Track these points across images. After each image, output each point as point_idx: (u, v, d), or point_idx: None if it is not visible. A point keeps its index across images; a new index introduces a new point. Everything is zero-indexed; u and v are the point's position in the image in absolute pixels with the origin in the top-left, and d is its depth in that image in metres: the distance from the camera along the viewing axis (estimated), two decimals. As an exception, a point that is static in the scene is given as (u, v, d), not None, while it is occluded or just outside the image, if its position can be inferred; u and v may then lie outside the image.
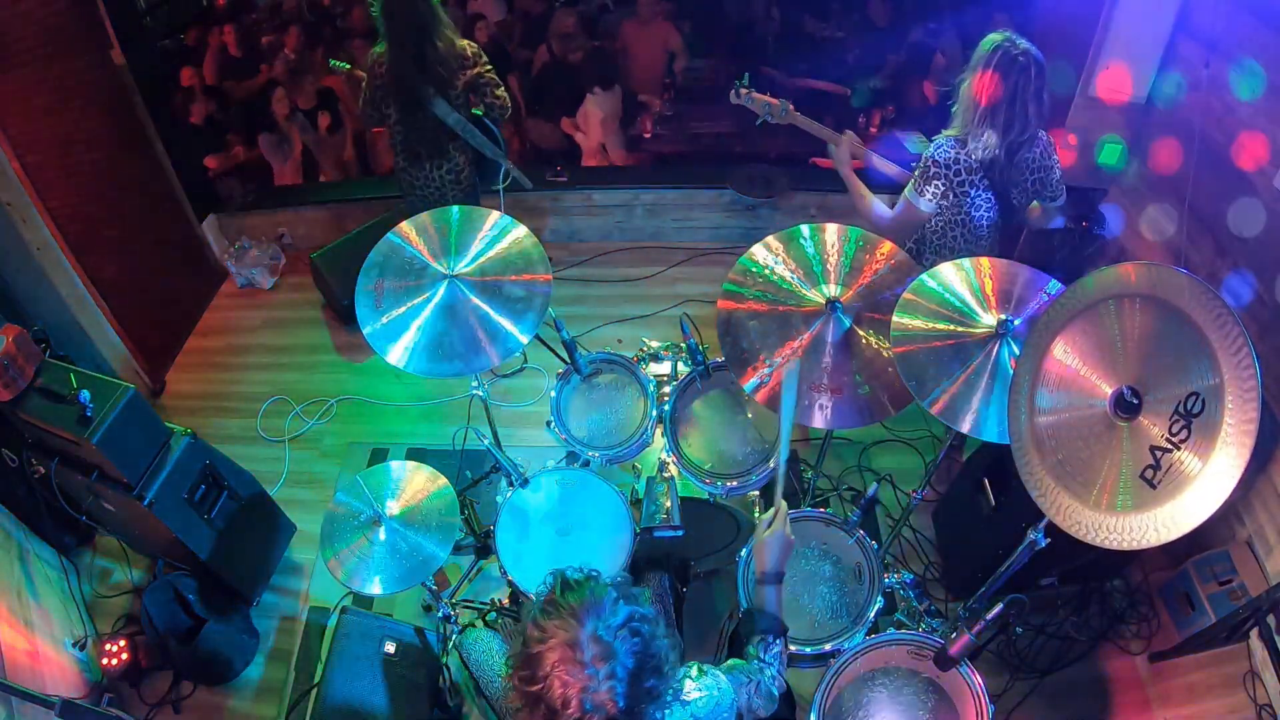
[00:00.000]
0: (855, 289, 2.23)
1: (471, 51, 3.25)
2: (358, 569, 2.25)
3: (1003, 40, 2.37)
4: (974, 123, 2.45)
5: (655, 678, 1.28)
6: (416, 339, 2.27)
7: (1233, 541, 2.59)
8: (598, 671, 1.22)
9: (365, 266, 2.36)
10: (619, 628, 1.26)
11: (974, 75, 2.42)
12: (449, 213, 2.45)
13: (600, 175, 4.93)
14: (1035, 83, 2.37)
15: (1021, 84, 2.36)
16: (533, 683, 1.23)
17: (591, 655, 1.23)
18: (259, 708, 2.85)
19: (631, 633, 1.27)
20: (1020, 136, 2.45)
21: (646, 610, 1.33)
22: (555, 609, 1.27)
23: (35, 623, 2.64)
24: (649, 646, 1.28)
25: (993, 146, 2.45)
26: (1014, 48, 2.35)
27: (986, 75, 2.38)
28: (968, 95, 2.46)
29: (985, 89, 2.39)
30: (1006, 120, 2.41)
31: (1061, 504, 1.60)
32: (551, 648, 1.23)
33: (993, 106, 2.40)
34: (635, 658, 1.26)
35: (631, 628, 1.27)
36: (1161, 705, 2.61)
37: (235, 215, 4.69)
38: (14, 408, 2.47)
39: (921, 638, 1.98)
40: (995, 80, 2.37)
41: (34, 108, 3.43)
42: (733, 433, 2.58)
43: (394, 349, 2.26)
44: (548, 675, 1.22)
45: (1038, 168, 2.56)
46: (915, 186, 2.57)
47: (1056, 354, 1.69)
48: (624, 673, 1.24)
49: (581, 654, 1.22)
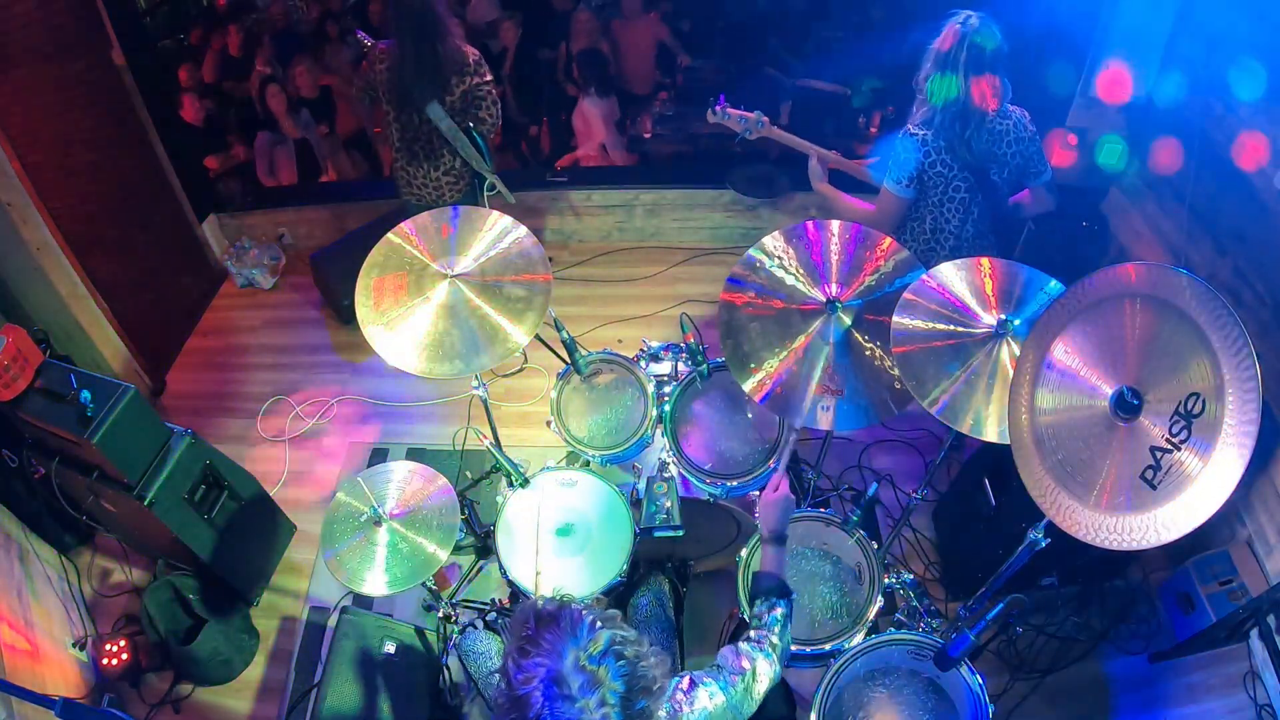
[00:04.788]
0: (855, 288, 2.22)
1: (473, 60, 3.24)
2: (358, 569, 2.25)
3: (955, 22, 2.41)
4: (936, 72, 2.46)
5: (646, 698, 1.26)
6: (418, 339, 2.27)
7: (1233, 541, 2.59)
8: (588, 702, 1.20)
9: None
10: (602, 654, 1.23)
11: (928, 60, 2.47)
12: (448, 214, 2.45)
13: (600, 175, 4.93)
14: (988, 55, 2.38)
15: (969, 56, 2.38)
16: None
17: (579, 685, 1.20)
18: (259, 708, 2.85)
19: (615, 656, 1.24)
20: (968, 108, 2.45)
21: (627, 632, 1.30)
22: (534, 645, 1.24)
23: (35, 623, 2.65)
24: (635, 668, 1.25)
25: (954, 122, 2.46)
26: (967, 25, 2.38)
27: (938, 54, 2.43)
28: (925, 78, 2.50)
29: (941, 42, 2.43)
30: (965, 93, 2.42)
31: (1061, 504, 1.60)
32: (537, 687, 1.20)
33: (947, 54, 2.42)
34: (624, 680, 1.23)
35: (614, 651, 1.25)
36: (1161, 705, 2.61)
37: (235, 215, 4.70)
38: (14, 408, 2.47)
39: (921, 637, 1.98)
40: (946, 34, 2.41)
41: (34, 108, 3.43)
42: (733, 433, 2.58)
43: (395, 350, 2.26)
44: (539, 715, 1.19)
45: (1014, 139, 2.54)
46: (891, 174, 2.60)
47: (1056, 354, 1.69)
48: (615, 698, 1.21)
49: (568, 687, 1.20)
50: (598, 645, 1.24)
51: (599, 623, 1.28)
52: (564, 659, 1.22)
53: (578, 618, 1.27)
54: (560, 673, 1.20)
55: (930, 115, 2.51)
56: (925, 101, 2.53)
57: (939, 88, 2.45)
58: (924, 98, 2.54)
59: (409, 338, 2.26)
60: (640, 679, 1.26)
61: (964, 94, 2.43)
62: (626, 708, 1.23)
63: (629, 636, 1.30)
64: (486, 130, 3.38)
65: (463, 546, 3.02)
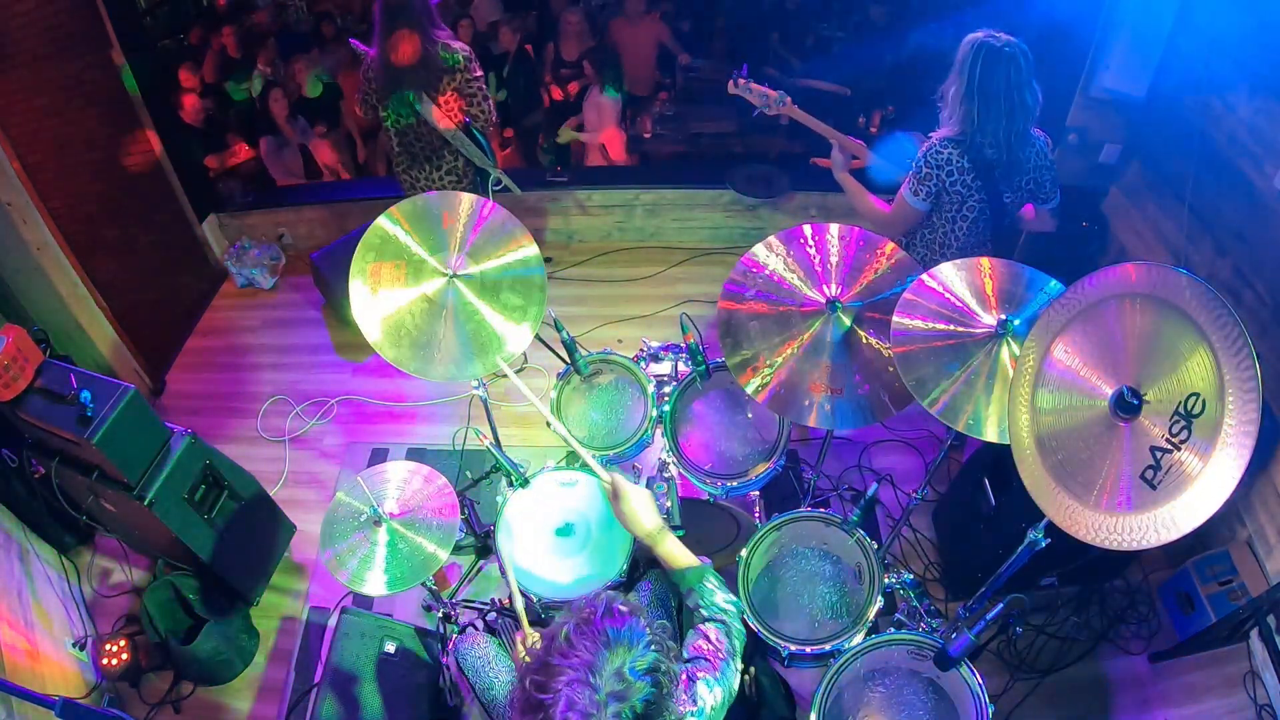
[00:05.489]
0: (856, 288, 2.23)
1: (463, 57, 3.22)
2: (358, 569, 2.25)
3: (983, 36, 2.38)
4: (975, 118, 2.44)
5: None
6: (417, 338, 2.27)
7: (1233, 541, 2.59)
8: (606, 705, 1.22)
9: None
10: (644, 673, 1.27)
11: (963, 75, 2.42)
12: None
13: (600, 175, 4.93)
14: (1025, 71, 2.37)
15: (1012, 72, 2.36)
16: (542, 690, 1.23)
17: (608, 689, 1.23)
18: (259, 708, 2.85)
19: (653, 683, 1.27)
20: (1023, 125, 2.45)
21: (674, 666, 1.33)
22: (591, 630, 1.28)
23: (35, 623, 2.65)
24: (660, 697, 1.28)
25: (1000, 138, 2.45)
26: (996, 40, 2.36)
27: (978, 71, 2.38)
28: (958, 94, 2.46)
29: (978, 83, 2.39)
30: (1008, 110, 2.41)
31: (1061, 504, 1.60)
32: (572, 665, 1.23)
33: (989, 99, 2.40)
34: (645, 705, 1.26)
35: (653, 677, 1.28)
36: (1161, 705, 2.61)
37: (235, 215, 4.69)
38: (14, 408, 2.47)
39: (921, 637, 1.98)
40: (987, 73, 2.37)
41: (34, 108, 3.43)
42: (733, 433, 2.58)
43: (394, 349, 2.25)
44: (558, 690, 1.22)
45: (1033, 168, 2.57)
46: (910, 185, 2.60)
47: (1056, 354, 1.69)
48: (630, 715, 1.24)
49: (598, 680, 1.23)
50: (644, 663, 1.28)
51: (654, 646, 1.31)
52: (610, 660, 1.25)
53: (639, 629, 1.31)
54: (598, 667, 1.24)
55: (962, 133, 2.49)
56: (952, 116, 2.51)
57: (976, 106, 2.43)
58: (950, 110, 2.52)
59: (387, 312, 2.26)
60: (659, 713, 1.29)
61: (1004, 111, 2.41)
62: None
63: (673, 671, 1.33)
64: (482, 124, 3.38)
65: (463, 546, 3.02)
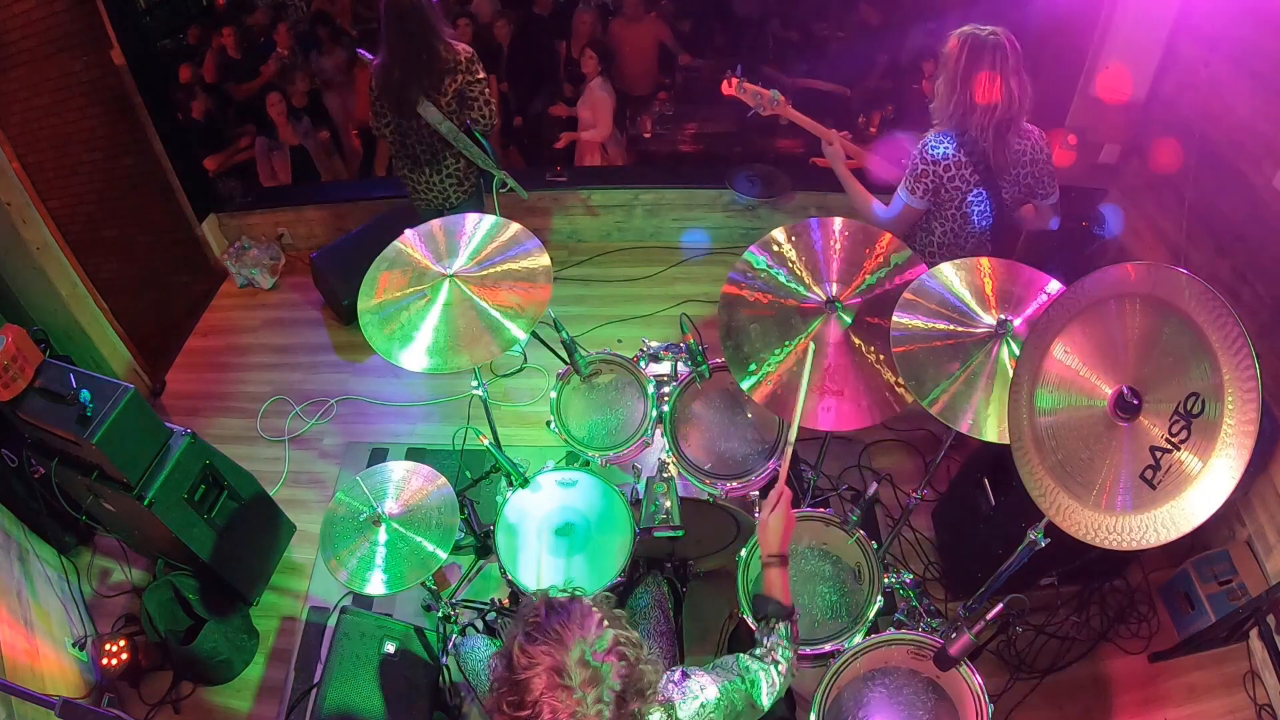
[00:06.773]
0: (855, 287, 2.22)
1: (465, 59, 3.21)
2: (358, 569, 2.25)
3: (968, 29, 2.38)
4: (964, 108, 2.44)
5: (639, 701, 1.29)
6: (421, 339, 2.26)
7: (1233, 541, 2.59)
8: (586, 696, 1.23)
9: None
10: (606, 652, 1.27)
11: (949, 69, 2.43)
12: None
13: (600, 175, 4.93)
14: (1011, 59, 2.37)
15: (999, 60, 2.36)
16: (520, 708, 1.23)
17: (580, 680, 1.23)
18: (259, 708, 2.85)
19: (618, 656, 1.27)
20: (1007, 113, 2.44)
21: (631, 633, 1.33)
22: (541, 634, 1.27)
23: (35, 623, 2.65)
24: (634, 670, 1.29)
25: (989, 127, 2.44)
26: (981, 30, 2.37)
27: (963, 61, 2.39)
28: (947, 87, 2.46)
29: (963, 73, 2.40)
30: (995, 98, 2.40)
31: (1061, 504, 1.60)
32: (539, 674, 1.23)
33: (976, 88, 2.40)
34: (621, 680, 1.26)
35: (618, 651, 1.28)
36: (1161, 705, 2.61)
37: (235, 215, 4.70)
38: (14, 408, 2.47)
39: (921, 638, 1.98)
40: (972, 62, 2.38)
41: (34, 108, 3.43)
42: (733, 433, 2.58)
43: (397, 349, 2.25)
44: (536, 701, 1.22)
45: (1029, 161, 2.56)
46: (907, 184, 2.60)
47: (1056, 354, 1.69)
48: (611, 696, 1.24)
49: (569, 679, 1.23)
50: (603, 642, 1.27)
51: (606, 621, 1.31)
52: (569, 651, 1.24)
53: (587, 612, 1.30)
54: (563, 665, 1.23)
55: (954, 126, 2.49)
56: (943, 110, 2.51)
57: (964, 96, 2.42)
58: (940, 105, 2.52)
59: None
60: (636, 681, 1.28)
61: (1005, 98, 2.40)
62: (619, 707, 1.26)
63: (632, 638, 1.32)
64: (483, 128, 3.37)
65: (462, 546, 3.02)
